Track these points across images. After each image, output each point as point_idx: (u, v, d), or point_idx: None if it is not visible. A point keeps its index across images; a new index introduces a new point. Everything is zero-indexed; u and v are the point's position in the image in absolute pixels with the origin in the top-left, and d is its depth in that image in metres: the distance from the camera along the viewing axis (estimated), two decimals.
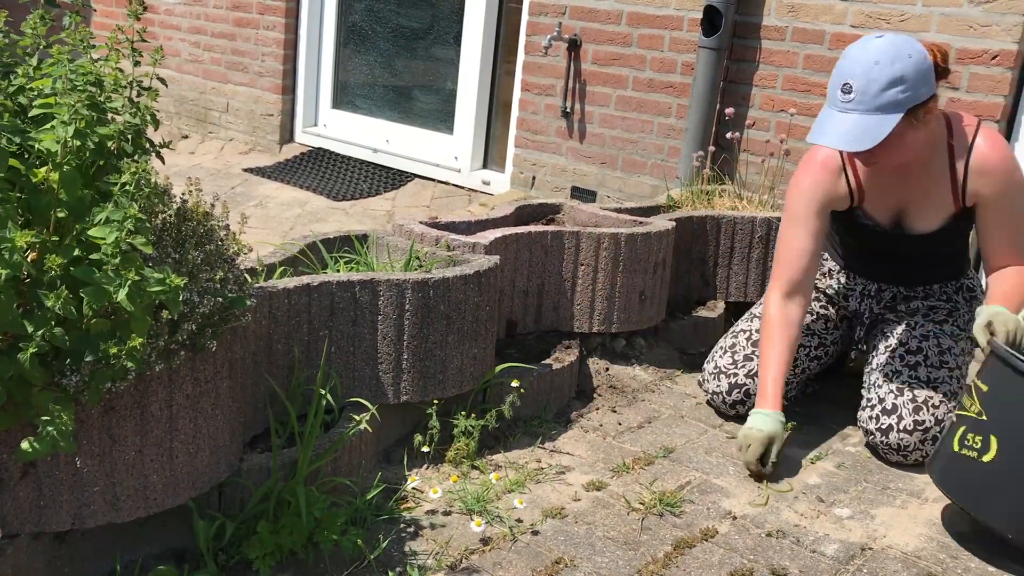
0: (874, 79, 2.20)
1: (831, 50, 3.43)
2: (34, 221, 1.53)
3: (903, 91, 2.21)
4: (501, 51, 4.58)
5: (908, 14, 3.25)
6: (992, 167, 2.37)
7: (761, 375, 2.49)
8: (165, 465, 1.75)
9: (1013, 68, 3.08)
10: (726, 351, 2.70)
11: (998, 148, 2.39)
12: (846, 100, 2.23)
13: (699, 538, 2.09)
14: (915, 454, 2.42)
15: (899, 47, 2.22)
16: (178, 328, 1.66)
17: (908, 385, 2.46)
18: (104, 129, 1.61)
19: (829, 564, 2.04)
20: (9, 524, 1.64)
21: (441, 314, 2.29)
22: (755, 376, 2.59)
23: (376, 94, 5.11)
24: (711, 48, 3.57)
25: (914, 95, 2.22)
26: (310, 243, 2.59)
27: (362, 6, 5.05)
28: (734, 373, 2.64)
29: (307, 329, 2.16)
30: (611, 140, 4.04)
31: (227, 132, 5.53)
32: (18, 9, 1.99)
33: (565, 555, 2.00)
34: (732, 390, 2.63)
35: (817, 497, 2.31)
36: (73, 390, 1.53)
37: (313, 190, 4.68)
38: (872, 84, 2.20)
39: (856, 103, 2.22)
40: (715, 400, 2.68)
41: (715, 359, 2.71)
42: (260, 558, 1.85)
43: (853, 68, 2.23)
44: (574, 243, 2.78)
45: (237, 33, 5.33)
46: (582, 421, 2.62)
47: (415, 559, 1.94)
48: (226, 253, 1.85)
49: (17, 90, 1.73)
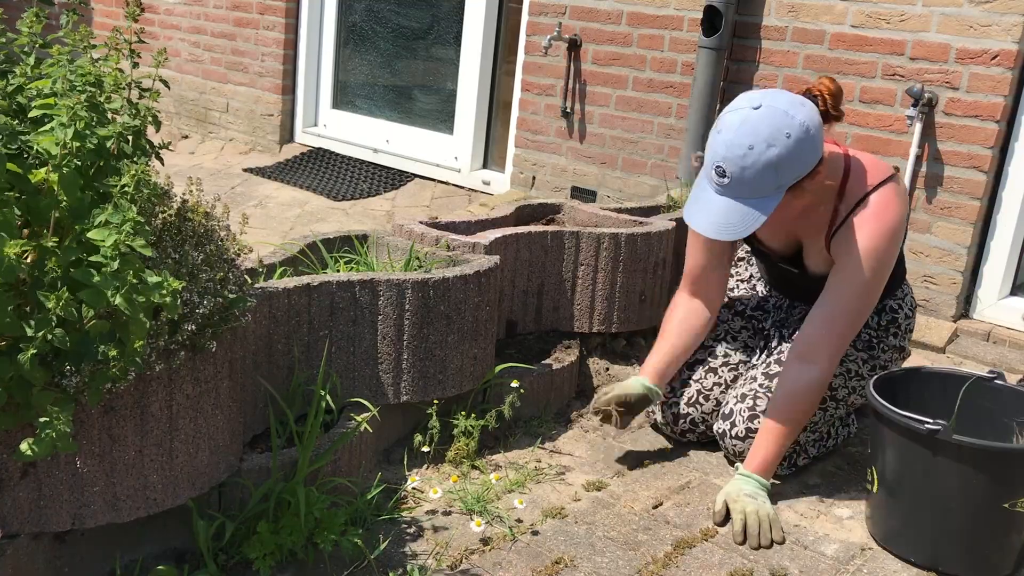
0: (748, 166, 2.02)
1: (831, 50, 3.43)
2: (33, 222, 1.53)
3: (781, 175, 2.04)
4: (501, 51, 4.58)
5: (908, 14, 3.25)
6: (865, 229, 2.16)
7: (652, 350, 2.47)
8: (165, 465, 1.75)
9: (1013, 68, 3.08)
10: None
11: (886, 213, 2.17)
12: (720, 183, 2.08)
13: (699, 538, 2.09)
14: None
15: (776, 126, 2.01)
16: (178, 328, 1.66)
17: (754, 393, 2.37)
18: (104, 130, 1.61)
19: (829, 564, 2.04)
20: (9, 524, 1.64)
21: (441, 314, 2.29)
22: (696, 404, 2.48)
23: (376, 94, 5.11)
24: (711, 48, 3.57)
25: (794, 174, 2.06)
26: (310, 243, 2.58)
27: (362, 6, 5.05)
28: (674, 402, 2.51)
29: (307, 329, 2.16)
30: (611, 140, 4.04)
31: (227, 132, 5.53)
32: (13, 7, 1.99)
33: (565, 555, 2.00)
34: (677, 420, 2.50)
35: (817, 497, 2.31)
36: (73, 391, 1.53)
37: (313, 190, 4.68)
38: (746, 172, 2.03)
39: (729, 188, 2.07)
40: (664, 431, 2.56)
41: None
42: (260, 558, 1.85)
43: (727, 152, 2.04)
44: (574, 243, 2.78)
45: (237, 33, 5.33)
46: (582, 421, 2.62)
47: (415, 559, 1.94)
48: (226, 253, 1.85)
49: (15, 89, 1.73)
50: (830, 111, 2.16)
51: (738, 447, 2.36)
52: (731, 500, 2.16)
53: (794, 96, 2.10)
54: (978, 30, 3.11)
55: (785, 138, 2.02)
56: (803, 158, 2.05)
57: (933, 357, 3.16)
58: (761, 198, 2.06)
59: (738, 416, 2.36)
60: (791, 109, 2.04)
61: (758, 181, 2.04)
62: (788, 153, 2.02)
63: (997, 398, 2.17)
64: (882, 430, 2.06)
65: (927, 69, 3.23)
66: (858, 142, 3.40)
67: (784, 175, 2.05)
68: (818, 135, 2.06)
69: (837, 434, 2.50)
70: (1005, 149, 3.19)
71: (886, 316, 2.41)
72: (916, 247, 3.32)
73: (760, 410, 2.33)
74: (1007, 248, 3.23)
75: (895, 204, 2.18)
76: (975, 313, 3.32)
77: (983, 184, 3.17)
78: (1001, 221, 3.23)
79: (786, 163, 2.03)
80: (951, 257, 3.26)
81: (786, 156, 2.02)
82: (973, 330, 3.25)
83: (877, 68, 3.33)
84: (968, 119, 3.17)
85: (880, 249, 2.17)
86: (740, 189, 2.06)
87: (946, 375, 2.23)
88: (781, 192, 2.07)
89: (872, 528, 2.15)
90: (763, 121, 2.02)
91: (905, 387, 2.18)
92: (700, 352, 2.56)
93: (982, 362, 3.08)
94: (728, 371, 2.53)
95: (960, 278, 3.25)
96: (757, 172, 2.03)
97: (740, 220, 2.07)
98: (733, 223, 2.08)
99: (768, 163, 2.02)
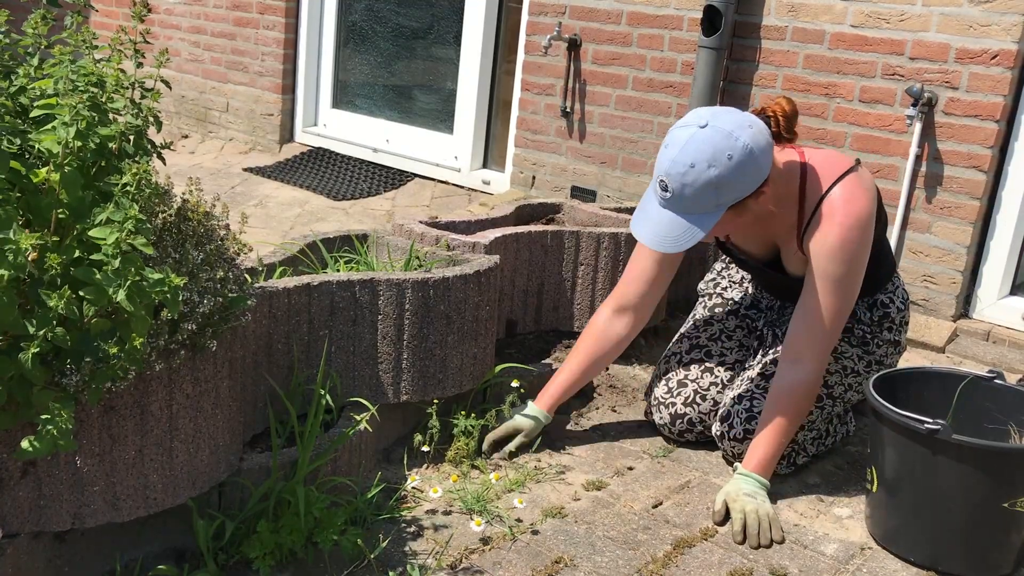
0: (688, 184, 2.05)
1: (831, 50, 3.43)
2: (35, 221, 1.53)
3: (721, 194, 2.06)
4: (501, 51, 4.58)
5: (908, 14, 3.25)
6: (830, 224, 2.16)
7: (554, 376, 2.46)
8: (165, 465, 1.75)
9: (1013, 68, 3.08)
10: (661, 379, 2.57)
11: (849, 205, 2.16)
12: (663, 196, 2.10)
13: (699, 538, 2.09)
14: None
15: (718, 146, 2.03)
16: (178, 328, 1.66)
17: (751, 394, 2.37)
18: (105, 130, 1.62)
19: (829, 563, 2.04)
20: (9, 523, 1.64)
21: (441, 314, 2.29)
22: (693, 404, 2.48)
23: (376, 94, 5.11)
24: (711, 48, 3.57)
25: (735, 195, 2.07)
26: (310, 243, 2.59)
27: (362, 6, 5.05)
28: (671, 403, 2.50)
29: (307, 329, 2.16)
30: (611, 140, 4.04)
31: (227, 132, 5.53)
32: (19, 9, 2.00)
33: (565, 555, 2.00)
34: (675, 420, 2.50)
35: (817, 497, 2.31)
36: (73, 389, 1.53)
37: (313, 190, 4.68)
38: (686, 188, 2.05)
39: (671, 203, 2.10)
40: (663, 431, 2.54)
41: (654, 389, 2.57)
42: (260, 557, 1.85)
43: (670, 167, 2.06)
44: (574, 243, 2.78)
45: (237, 33, 5.33)
46: (582, 421, 2.62)
47: (415, 559, 1.94)
48: (226, 253, 1.85)
49: (19, 90, 1.73)
50: (782, 132, 2.17)
51: (736, 448, 2.36)
52: (731, 499, 2.16)
53: (743, 116, 2.10)
54: (978, 30, 3.12)
55: (727, 160, 2.03)
56: (745, 179, 2.07)
57: (933, 357, 3.16)
58: (700, 215, 2.09)
59: (736, 418, 2.36)
60: (736, 131, 2.05)
61: (698, 198, 2.07)
62: (729, 174, 2.04)
63: (997, 398, 2.17)
64: (882, 430, 2.06)
65: (927, 69, 3.23)
66: (858, 142, 3.40)
67: (724, 195, 2.07)
68: (763, 157, 2.07)
69: (836, 432, 2.50)
70: (1005, 149, 3.19)
71: (878, 311, 2.41)
72: (916, 247, 3.32)
73: (757, 411, 2.34)
74: (1007, 248, 3.23)
75: (858, 194, 2.18)
76: (975, 313, 3.32)
77: (983, 184, 3.17)
78: (1001, 221, 3.23)
79: (726, 184, 2.05)
80: (951, 257, 3.26)
81: (727, 177, 2.04)
82: (973, 330, 3.25)
83: (877, 68, 3.33)
84: (968, 119, 3.17)
85: (849, 240, 2.16)
86: (681, 204, 2.09)
87: (946, 375, 2.24)
88: (721, 210, 2.09)
89: (872, 527, 2.16)
90: (707, 141, 2.04)
91: (905, 387, 2.18)
92: (696, 352, 2.57)
93: (982, 362, 3.08)
94: (724, 370, 2.53)
95: (960, 278, 3.26)
96: (696, 190, 2.05)
97: (680, 234, 2.10)
98: (672, 236, 2.11)
99: (708, 183, 2.04)
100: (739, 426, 2.35)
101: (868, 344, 2.41)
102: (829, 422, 2.46)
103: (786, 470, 2.37)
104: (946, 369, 2.28)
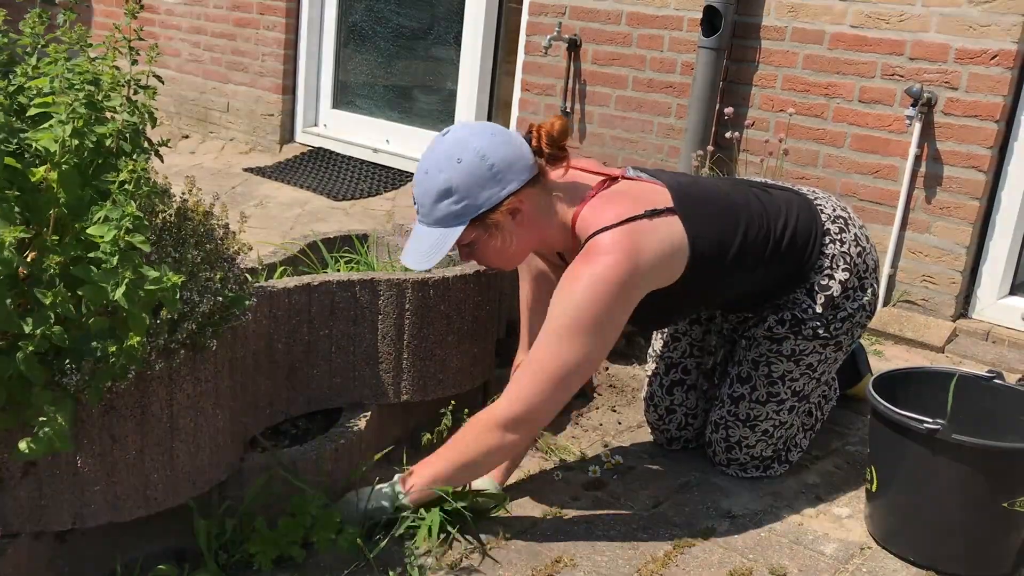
0: (426, 191, 1.97)
1: (831, 50, 3.43)
2: (32, 220, 1.53)
3: (455, 202, 1.95)
4: (501, 51, 4.58)
5: (907, 14, 3.25)
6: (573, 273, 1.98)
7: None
8: (166, 465, 1.75)
9: (1012, 68, 3.08)
10: (648, 404, 2.50)
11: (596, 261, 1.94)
12: (417, 209, 2.04)
13: (699, 538, 2.09)
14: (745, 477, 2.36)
15: (449, 151, 1.95)
16: (178, 327, 1.67)
17: (724, 423, 2.35)
18: (102, 128, 1.62)
19: (828, 563, 2.04)
20: (10, 523, 1.64)
21: (441, 314, 2.29)
22: (687, 427, 2.46)
23: (376, 94, 5.11)
24: (711, 48, 3.57)
25: (472, 204, 1.95)
26: (310, 243, 2.59)
27: (362, 6, 5.05)
28: (665, 429, 2.48)
29: (307, 328, 2.16)
30: (611, 140, 4.04)
31: (227, 132, 5.54)
32: (16, 8, 2.00)
33: (565, 554, 2.00)
34: (671, 442, 2.48)
35: (816, 496, 2.31)
36: (73, 389, 1.53)
37: (313, 190, 4.68)
38: (425, 197, 1.98)
39: (420, 215, 2.02)
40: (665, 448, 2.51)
41: (646, 413, 2.52)
42: (261, 552, 1.85)
43: (415, 177, 2.02)
44: None
45: (237, 33, 5.34)
46: (582, 420, 2.62)
47: (415, 558, 1.94)
48: (226, 252, 1.85)
49: (16, 90, 1.73)
50: (543, 148, 2.03)
51: (723, 471, 2.39)
52: None
53: (489, 127, 2.02)
54: (977, 30, 3.12)
55: (456, 163, 1.94)
56: (478, 187, 1.95)
57: (932, 357, 3.16)
58: (446, 228, 1.98)
59: (717, 447, 2.37)
60: (473, 138, 1.97)
61: (437, 208, 1.97)
62: (459, 179, 1.94)
63: (996, 398, 2.17)
64: (881, 429, 2.06)
65: (926, 69, 3.23)
66: (857, 142, 3.40)
67: (460, 203, 1.96)
68: (505, 168, 1.96)
69: (823, 414, 2.49)
70: (1004, 149, 3.20)
71: (820, 296, 2.21)
72: (915, 247, 3.32)
73: (734, 440, 2.33)
74: (1006, 248, 3.23)
75: (614, 253, 1.94)
76: (974, 313, 3.32)
77: (982, 184, 3.17)
78: (1000, 221, 3.23)
79: (460, 189, 1.94)
80: (950, 257, 3.26)
81: (457, 182, 1.94)
82: (972, 330, 3.25)
83: (876, 68, 3.33)
84: (967, 119, 3.17)
85: (581, 299, 1.93)
86: (427, 216, 2.00)
87: (945, 374, 2.24)
88: (463, 223, 1.97)
89: (871, 527, 2.16)
90: (441, 146, 1.98)
91: (904, 386, 2.18)
92: (673, 373, 2.47)
93: (981, 362, 3.08)
94: (704, 380, 2.50)
95: (959, 278, 3.26)
96: (433, 197, 1.97)
97: (429, 249, 1.99)
98: (423, 251, 1.99)
99: (439, 188, 1.95)
100: (721, 454, 2.37)
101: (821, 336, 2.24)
102: (809, 414, 2.44)
103: (783, 469, 2.37)
104: (946, 369, 2.28)
